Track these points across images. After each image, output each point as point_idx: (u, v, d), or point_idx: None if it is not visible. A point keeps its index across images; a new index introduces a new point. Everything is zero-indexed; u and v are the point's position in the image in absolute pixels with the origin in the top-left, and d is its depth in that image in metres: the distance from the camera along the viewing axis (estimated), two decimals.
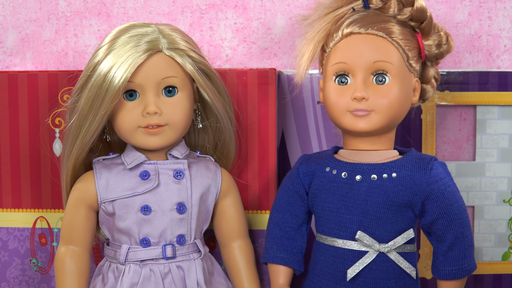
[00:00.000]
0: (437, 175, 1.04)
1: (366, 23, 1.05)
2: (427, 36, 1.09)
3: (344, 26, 1.06)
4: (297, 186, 1.11)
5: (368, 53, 1.04)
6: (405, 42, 1.05)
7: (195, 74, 1.08)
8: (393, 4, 1.07)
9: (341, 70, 1.05)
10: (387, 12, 1.07)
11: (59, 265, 1.09)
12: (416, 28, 1.09)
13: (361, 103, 1.03)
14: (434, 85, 1.12)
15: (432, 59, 1.10)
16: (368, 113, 1.04)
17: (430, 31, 1.09)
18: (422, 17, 1.07)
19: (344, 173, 1.06)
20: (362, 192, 1.04)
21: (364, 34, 1.05)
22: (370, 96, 1.03)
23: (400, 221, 1.04)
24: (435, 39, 1.09)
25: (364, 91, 1.03)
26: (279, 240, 1.11)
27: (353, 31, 1.05)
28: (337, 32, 1.06)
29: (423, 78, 1.11)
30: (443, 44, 1.10)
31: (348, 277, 1.03)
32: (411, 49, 1.06)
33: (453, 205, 1.04)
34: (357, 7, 1.09)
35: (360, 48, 1.04)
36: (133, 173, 1.09)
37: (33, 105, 1.21)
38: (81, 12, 1.32)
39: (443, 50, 1.10)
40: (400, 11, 1.07)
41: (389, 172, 1.04)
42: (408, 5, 1.07)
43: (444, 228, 1.04)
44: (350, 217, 1.04)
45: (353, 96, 1.03)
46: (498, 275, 1.29)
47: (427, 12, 1.07)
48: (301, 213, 1.11)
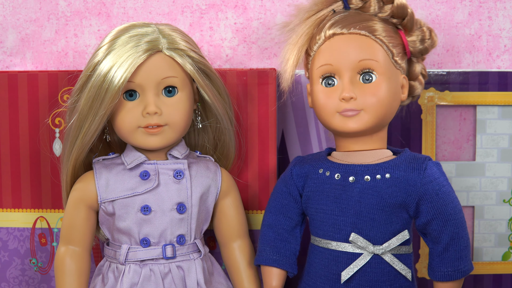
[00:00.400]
0: (431, 175, 1.03)
1: (348, 23, 1.05)
2: (410, 32, 1.09)
3: (326, 28, 1.05)
4: (290, 188, 1.10)
5: (353, 52, 1.03)
6: (388, 39, 1.05)
7: (195, 74, 1.08)
8: (373, 3, 1.07)
9: (327, 72, 1.05)
10: (367, 11, 1.07)
11: (59, 265, 1.09)
12: (398, 25, 1.08)
13: (350, 103, 1.03)
14: (422, 82, 1.12)
15: (417, 55, 1.10)
16: (357, 113, 1.03)
17: (412, 27, 1.08)
18: (403, 14, 1.07)
19: (337, 175, 1.05)
20: (356, 194, 1.03)
21: (347, 34, 1.05)
22: (358, 95, 1.03)
23: (394, 222, 1.04)
24: (418, 35, 1.09)
25: (352, 91, 1.03)
26: (272, 242, 1.10)
27: (335, 32, 1.05)
28: (319, 35, 1.06)
29: (410, 74, 1.11)
30: (426, 39, 1.09)
31: (342, 279, 1.03)
32: (395, 46, 1.06)
33: (448, 205, 1.03)
34: (338, 9, 1.08)
35: (344, 48, 1.04)
36: (133, 173, 1.09)
37: (33, 105, 1.21)
38: (81, 12, 1.32)
39: (427, 45, 1.09)
40: (381, 9, 1.07)
41: (383, 172, 1.04)
42: (388, 3, 1.07)
43: (439, 229, 1.03)
44: (343, 219, 1.04)
45: (341, 96, 1.03)
46: (498, 275, 1.29)
47: (407, 8, 1.07)
48: (294, 215, 1.11)
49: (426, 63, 1.30)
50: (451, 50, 1.31)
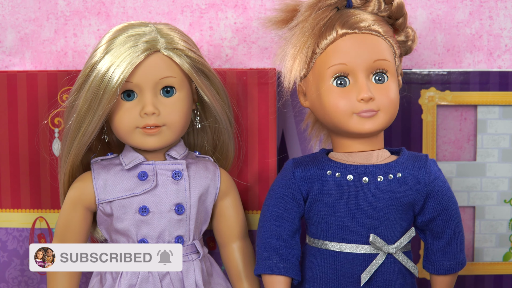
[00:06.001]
0: (435, 172, 1.06)
1: (357, 21, 1.04)
2: (400, 32, 1.09)
3: (337, 26, 1.04)
4: (294, 191, 1.07)
5: (368, 52, 1.03)
6: (393, 40, 1.06)
7: (193, 74, 1.08)
8: (374, 1, 1.06)
9: (340, 72, 1.03)
10: (367, 9, 1.06)
11: None
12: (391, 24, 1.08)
13: (369, 103, 1.02)
14: (401, 83, 1.11)
15: (402, 55, 1.10)
16: (375, 113, 1.03)
17: (404, 27, 1.09)
18: (400, 14, 1.07)
19: (349, 176, 1.04)
20: (371, 194, 1.03)
21: (360, 34, 1.04)
22: (375, 95, 1.03)
23: (404, 220, 1.04)
24: (405, 35, 1.09)
25: (370, 91, 1.02)
26: (278, 249, 1.05)
27: (347, 31, 1.04)
28: (330, 32, 1.04)
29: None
30: (410, 39, 1.10)
31: (362, 281, 1.02)
32: (398, 47, 1.07)
33: (451, 201, 1.05)
34: (340, 6, 1.06)
35: (358, 48, 1.03)
36: (131, 174, 1.09)
37: (32, 105, 1.21)
38: (80, 11, 1.32)
39: (411, 46, 1.10)
40: (380, 8, 1.07)
41: (394, 172, 1.04)
42: (388, 2, 1.07)
43: (443, 224, 1.05)
44: (360, 220, 1.03)
45: (360, 97, 1.02)
46: (499, 275, 1.29)
47: (404, 8, 1.08)
48: (296, 220, 1.07)
49: (426, 63, 1.30)
50: (451, 49, 1.30)
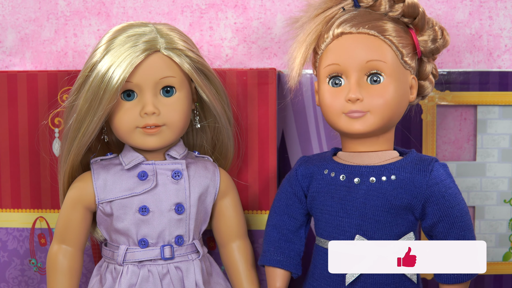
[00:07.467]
0: (438, 177, 1.02)
1: (357, 22, 1.04)
2: (421, 32, 1.07)
3: (334, 27, 1.04)
4: (295, 188, 1.10)
5: (361, 53, 1.02)
6: (398, 40, 1.04)
7: (193, 74, 1.08)
8: (383, 2, 1.05)
9: (334, 72, 1.04)
10: (378, 9, 1.06)
11: (51, 263, 1.09)
12: (409, 24, 1.07)
13: (356, 104, 1.02)
14: (432, 81, 1.11)
15: (428, 54, 1.08)
16: (364, 114, 1.02)
17: (424, 27, 1.07)
18: (414, 13, 1.06)
19: (342, 176, 1.05)
20: (361, 195, 1.03)
21: (356, 34, 1.03)
22: (364, 96, 1.02)
23: (400, 224, 1.03)
24: (430, 34, 1.07)
25: (358, 92, 1.02)
26: (277, 242, 1.10)
27: (344, 31, 1.04)
28: (328, 33, 1.05)
29: (420, 74, 1.10)
30: (438, 39, 1.08)
31: (346, 281, 1.02)
32: (405, 46, 1.04)
33: (454, 207, 1.02)
34: (347, 7, 1.07)
35: (351, 48, 1.03)
36: (131, 174, 1.09)
37: (33, 105, 1.21)
38: (80, 11, 1.32)
39: (439, 45, 1.08)
40: (392, 8, 1.06)
41: (388, 174, 1.03)
42: (399, 1, 1.05)
43: (446, 231, 1.02)
44: (348, 220, 1.03)
45: (347, 97, 1.02)
46: (499, 275, 1.29)
47: (419, 7, 1.06)
48: (299, 215, 1.10)
49: None
50: (451, 49, 1.30)
